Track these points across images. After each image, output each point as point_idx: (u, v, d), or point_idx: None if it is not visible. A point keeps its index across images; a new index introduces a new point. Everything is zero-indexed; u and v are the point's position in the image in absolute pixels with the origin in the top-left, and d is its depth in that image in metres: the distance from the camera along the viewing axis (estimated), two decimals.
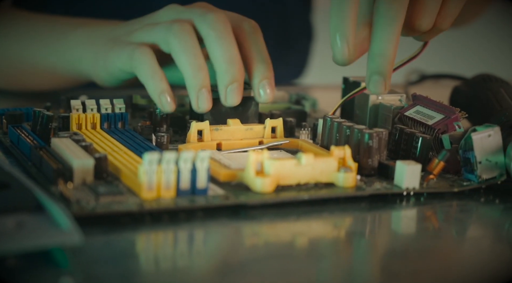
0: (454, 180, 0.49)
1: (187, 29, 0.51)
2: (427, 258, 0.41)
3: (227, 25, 0.51)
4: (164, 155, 0.42)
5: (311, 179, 0.46)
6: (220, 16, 0.51)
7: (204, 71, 0.51)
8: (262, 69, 0.52)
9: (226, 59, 0.51)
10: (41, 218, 0.37)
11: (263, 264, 0.38)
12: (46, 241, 0.36)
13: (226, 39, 0.51)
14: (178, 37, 0.51)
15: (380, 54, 0.47)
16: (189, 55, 0.51)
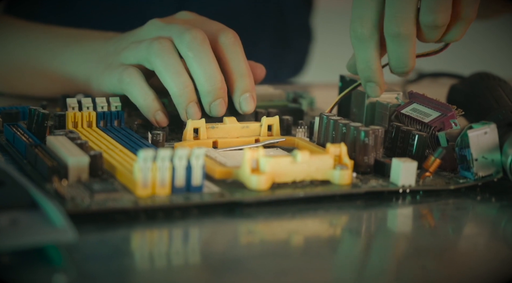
0: (450, 177, 0.49)
1: (166, 47, 0.52)
2: (422, 255, 0.41)
3: (204, 44, 0.52)
4: (159, 152, 0.42)
5: (306, 177, 0.46)
6: (197, 35, 0.52)
7: (188, 87, 0.52)
8: (242, 83, 0.54)
9: (206, 79, 0.52)
10: (35, 215, 0.37)
11: (258, 262, 0.38)
12: (40, 238, 0.36)
13: (204, 59, 0.52)
14: (159, 56, 0.52)
15: None
16: (172, 73, 0.52)
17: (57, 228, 0.36)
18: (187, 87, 0.52)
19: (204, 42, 0.52)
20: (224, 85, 0.53)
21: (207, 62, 0.52)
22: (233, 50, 0.54)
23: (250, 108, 0.54)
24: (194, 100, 0.52)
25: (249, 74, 0.54)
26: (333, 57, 1.21)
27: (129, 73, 0.53)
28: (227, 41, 0.54)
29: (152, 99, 0.52)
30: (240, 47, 0.54)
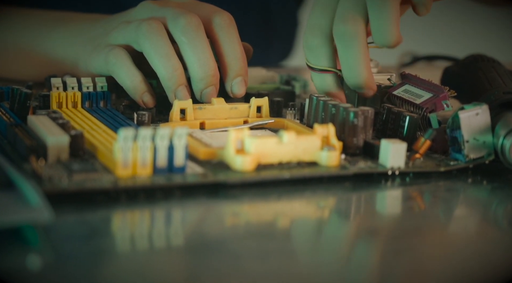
0: (441, 159, 0.48)
1: (155, 28, 0.51)
2: (411, 237, 0.40)
3: (198, 29, 0.51)
4: (140, 131, 0.41)
5: (293, 158, 0.45)
6: (192, 20, 0.51)
7: (178, 70, 0.51)
8: (235, 66, 0.53)
9: (200, 65, 0.51)
10: (11, 195, 0.36)
11: (242, 244, 0.37)
12: (16, 217, 0.35)
13: (198, 45, 0.51)
14: (148, 38, 0.51)
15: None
16: (161, 56, 0.51)
17: (33, 208, 0.35)
18: (176, 71, 0.51)
19: (199, 27, 0.51)
20: (217, 72, 0.52)
21: (201, 49, 0.51)
22: (227, 32, 0.53)
23: (242, 92, 0.53)
24: (184, 83, 0.51)
25: (243, 57, 0.53)
26: None
27: (115, 53, 0.52)
28: (222, 23, 0.53)
29: (139, 80, 0.51)
30: (234, 29, 0.53)
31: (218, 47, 0.53)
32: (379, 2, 0.47)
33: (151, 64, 0.51)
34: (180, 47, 0.51)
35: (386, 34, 0.47)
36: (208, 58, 0.51)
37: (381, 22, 0.47)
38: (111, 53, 0.52)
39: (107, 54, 0.52)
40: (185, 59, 0.51)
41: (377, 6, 0.47)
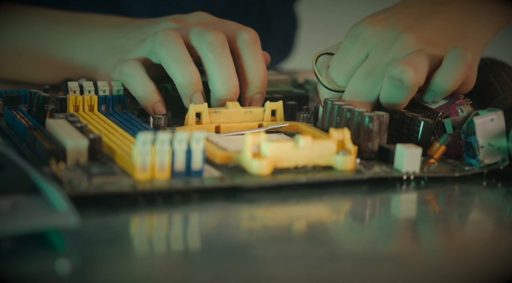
0: (455, 164, 0.48)
1: (172, 36, 0.51)
2: (427, 241, 0.40)
3: (224, 46, 0.52)
4: (158, 135, 0.42)
5: (309, 162, 0.45)
6: (218, 37, 0.52)
7: (195, 77, 0.51)
8: (256, 84, 0.53)
9: (223, 83, 0.51)
10: (37, 199, 0.36)
11: (265, 248, 0.37)
12: (42, 222, 0.35)
13: (223, 62, 0.51)
14: (164, 46, 0.51)
15: None
16: (178, 63, 0.51)
17: (59, 212, 0.35)
18: (193, 78, 0.51)
19: (225, 44, 0.52)
20: (238, 89, 0.52)
21: (226, 66, 0.51)
22: (252, 50, 0.53)
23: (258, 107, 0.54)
24: (200, 90, 0.52)
25: (264, 75, 0.53)
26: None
27: (129, 64, 0.52)
28: (247, 39, 0.53)
29: (152, 90, 0.52)
30: (259, 47, 0.53)
31: (241, 63, 0.53)
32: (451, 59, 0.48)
33: (168, 71, 0.52)
34: (204, 62, 0.52)
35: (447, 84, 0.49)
36: (232, 75, 0.51)
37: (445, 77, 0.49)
38: (125, 64, 0.52)
39: (121, 65, 0.53)
40: (209, 74, 0.52)
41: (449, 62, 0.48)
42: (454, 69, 0.48)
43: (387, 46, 0.50)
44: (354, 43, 0.51)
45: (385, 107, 0.50)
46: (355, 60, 0.51)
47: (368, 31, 0.51)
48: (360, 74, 0.50)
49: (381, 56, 0.50)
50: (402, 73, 0.47)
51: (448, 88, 0.49)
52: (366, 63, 0.50)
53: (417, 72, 0.48)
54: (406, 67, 0.47)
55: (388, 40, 0.50)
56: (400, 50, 0.49)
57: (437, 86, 0.49)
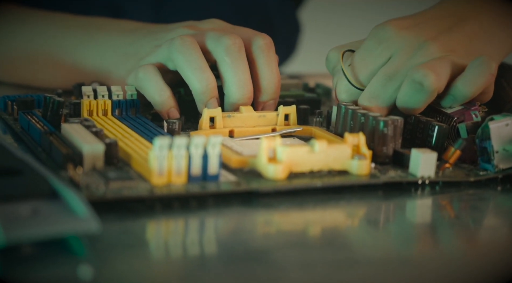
0: (470, 169, 0.48)
1: (188, 42, 0.51)
2: (444, 246, 0.40)
3: (241, 50, 0.52)
4: (175, 140, 0.42)
5: (324, 166, 0.45)
6: (236, 41, 0.52)
7: (212, 84, 0.51)
8: (270, 90, 0.53)
9: (238, 87, 0.52)
10: (57, 205, 0.36)
11: (284, 254, 0.37)
12: (63, 228, 0.35)
13: (240, 66, 0.52)
14: (181, 52, 0.51)
15: None
16: (194, 69, 0.51)
17: (80, 218, 0.35)
18: (210, 84, 0.51)
19: (242, 49, 0.52)
20: (252, 94, 0.52)
21: (242, 71, 0.52)
22: (266, 56, 0.53)
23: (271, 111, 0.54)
24: (215, 96, 0.52)
25: (278, 82, 0.54)
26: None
27: (144, 69, 0.52)
28: (262, 45, 0.53)
29: (168, 96, 0.52)
30: (273, 53, 0.54)
31: (255, 69, 0.53)
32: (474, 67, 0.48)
33: (185, 77, 0.52)
34: (220, 66, 0.52)
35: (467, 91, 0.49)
36: (247, 80, 0.52)
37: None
38: (140, 69, 0.52)
39: (137, 70, 0.53)
40: (224, 78, 0.52)
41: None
42: (477, 76, 0.48)
43: (410, 52, 0.50)
44: (379, 44, 0.51)
45: (401, 110, 0.50)
46: (377, 62, 0.51)
47: (394, 34, 0.51)
48: (381, 77, 0.50)
49: (403, 61, 0.50)
50: (423, 77, 0.48)
51: (469, 94, 0.49)
52: (388, 66, 0.50)
53: (438, 77, 0.48)
54: (428, 72, 0.48)
55: (412, 46, 0.50)
56: (423, 57, 0.50)
57: (458, 91, 0.49)
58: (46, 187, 0.37)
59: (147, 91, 0.52)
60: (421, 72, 0.48)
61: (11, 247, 0.35)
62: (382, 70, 0.50)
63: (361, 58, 0.51)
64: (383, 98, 0.50)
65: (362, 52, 0.51)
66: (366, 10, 1.59)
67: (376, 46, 0.51)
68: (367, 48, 0.51)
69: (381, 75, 0.50)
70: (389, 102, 0.50)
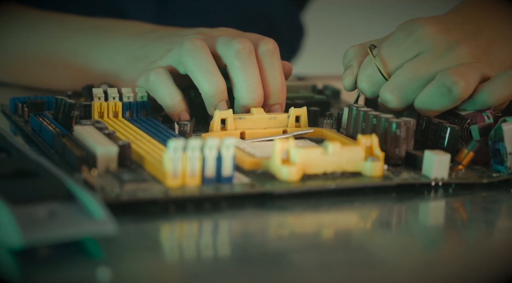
0: (483, 171, 0.48)
1: (198, 45, 0.51)
2: (456, 248, 0.40)
3: (251, 54, 0.52)
4: (189, 142, 0.42)
5: (337, 168, 0.45)
6: (246, 45, 0.52)
7: (222, 87, 0.51)
8: (274, 95, 0.53)
9: (248, 92, 0.51)
10: (73, 207, 0.36)
11: (303, 256, 0.37)
12: (81, 230, 0.35)
13: (250, 71, 0.51)
14: (191, 55, 0.51)
15: None
16: (205, 72, 0.51)
17: (97, 220, 0.35)
18: (220, 87, 0.51)
19: (252, 53, 0.52)
20: (263, 98, 0.52)
21: (252, 75, 0.51)
22: (271, 61, 0.53)
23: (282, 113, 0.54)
24: (225, 99, 0.52)
25: (283, 86, 0.53)
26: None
27: (156, 72, 0.52)
28: (267, 50, 0.53)
29: (179, 99, 0.52)
30: (278, 58, 0.53)
31: (261, 73, 0.53)
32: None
33: (195, 80, 0.51)
34: (230, 71, 0.52)
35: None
36: (257, 84, 0.51)
37: None
38: (151, 72, 0.52)
39: (148, 73, 0.52)
40: (234, 82, 0.52)
41: None
42: (503, 88, 0.49)
43: (440, 52, 0.50)
44: (407, 38, 0.50)
45: (418, 111, 0.50)
46: (405, 55, 0.50)
47: (425, 31, 0.50)
48: (408, 71, 0.50)
49: (433, 59, 0.50)
50: (454, 84, 0.48)
51: (491, 103, 0.49)
52: (417, 61, 0.50)
53: (467, 85, 0.48)
54: (459, 79, 0.48)
55: (443, 46, 0.50)
56: (453, 60, 0.49)
57: (481, 99, 0.49)
58: (62, 189, 0.37)
59: (158, 95, 0.52)
60: (452, 78, 0.48)
61: (29, 249, 0.35)
62: (410, 64, 0.50)
63: (389, 49, 0.51)
64: (407, 92, 0.49)
65: (391, 44, 0.51)
66: (374, 11, 1.59)
67: (405, 39, 0.50)
68: (396, 41, 0.51)
69: (408, 69, 0.50)
70: (411, 98, 0.50)
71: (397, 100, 0.50)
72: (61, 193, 0.37)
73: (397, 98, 0.50)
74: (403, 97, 0.50)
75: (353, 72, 0.52)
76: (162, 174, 0.42)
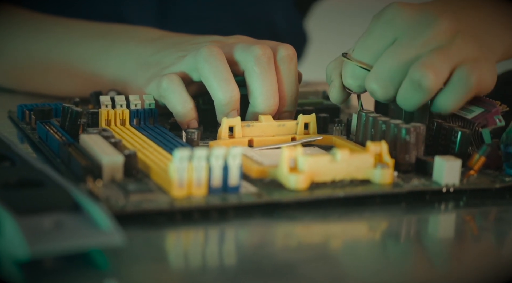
0: (495, 175, 0.47)
1: (215, 52, 0.51)
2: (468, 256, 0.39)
3: (270, 62, 0.51)
4: (195, 152, 0.41)
5: (346, 176, 0.44)
6: (266, 51, 0.51)
7: (235, 96, 0.51)
8: (287, 102, 0.53)
9: (265, 99, 0.51)
10: (80, 218, 0.35)
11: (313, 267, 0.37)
12: (88, 242, 0.34)
13: (268, 77, 0.51)
14: (208, 61, 0.51)
15: None
16: (220, 80, 0.50)
17: (104, 231, 0.35)
18: (234, 96, 0.51)
19: (271, 60, 0.51)
20: (277, 106, 0.52)
21: (270, 82, 0.51)
22: (288, 68, 0.52)
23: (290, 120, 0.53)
24: (237, 108, 0.51)
25: (297, 94, 0.53)
26: None
27: (168, 78, 0.51)
28: (285, 56, 0.52)
29: (191, 107, 0.51)
30: (295, 64, 0.53)
31: (277, 80, 0.52)
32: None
33: (209, 87, 0.51)
34: (248, 77, 0.51)
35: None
36: (274, 92, 0.51)
37: None
38: (164, 78, 0.52)
39: (160, 79, 0.52)
40: (251, 88, 0.51)
41: None
42: (457, 92, 0.47)
43: (417, 33, 0.47)
44: (381, 24, 0.48)
45: (401, 107, 0.48)
46: (381, 43, 0.48)
47: (397, 13, 0.48)
48: (387, 59, 0.47)
49: (410, 43, 0.47)
50: (422, 78, 0.46)
51: (449, 110, 0.48)
52: (394, 48, 0.47)
53: (436, 78, 0.46)
54: (427, 71, 0.46)
55: (419, 26, 0.47)
56: (432, 39, 0.47)
57: (438, 106, 0.48)
58: (68, 199, 0.36)
59: (170, 102, 0.51)
60: (419, 72, 0.46)
61: (35, 261, 0.34)
62: (389, 51, 0.47)
63: (364, 40, 0.49)
64: (390, 80, 0.47)
65: (366, 35, 0.49)
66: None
67: (378, 26, 0.48)
68: (369, 31, 0.49)
69: (388, 57, 0.47)
70: (397, 84, 0.48)
71: (383, 90, 0.48)
72: (67, 204, 0.36)
73: (382, 88, 0.48)
74: (388, 86, 0.48)
75: (335, 84, 0.51)
76: (168, 184, 0.42)
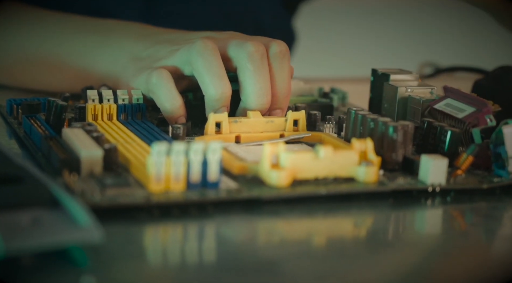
0: (484, 176, 0.46)
1: (210, 47, 0.50)
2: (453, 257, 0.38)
3: (263, 58, 0.51)
4: (174, 146, 0.40)
5: (330, 173, 0.44)
6: (259, 48, 0.51)
7: (227, 92, 0.50)
8: (279, 99, 0.52)
9: (257, 96, 0.50)
10: (58, 214, 0.35)
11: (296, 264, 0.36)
12: (65, 238, 0.33)
13: (261, 74, 0.50)
14: (201, 56, 0.50)
15: None
16: (213, 75, 0.50)
17: (82, 228, 0.34)
18: (225, 93, 0.50)
19: (264, 57, 0.51)
20: (270, 103, 0.51)
21: (263, 79, 0.50)
22: (280, 64, 0.52)
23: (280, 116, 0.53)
24: (227, 105, 0.51)
25: (288, 91, 0.52)
26: (365, 51, 1.18)
27: (157, 73, 0.51)
28: (278, 53, 0.52)
29: (179, 105, 0.51)
30: (288, 61, 0.52)
31: (270, 76, 0.52)
32: None
33: (201, 82, 0.50)
34: (241, 73, 0.51)
35: None
36: (267, 90, 0.50)
37: None
38: (153, 73, 0.51)
39: (150, 74, 0.51)
40: (244, 85, 0.50)
41: None
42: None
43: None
44: None
45: None
46: None
47: None
48: None
49: None
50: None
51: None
52: None
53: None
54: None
55: None
56: None
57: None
58: (46, 195, 0.36)
59: (158, 98, 0.51)
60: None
61: (11, 258, 0.33)
62: None
63: None
64: None
65: None
66: (373, 11, 1.56)
67: None
68: None
69: None
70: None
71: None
72: (45, 199, 0.35)
73: None
74: None
75: None
76: (146, 179, 0.41)
